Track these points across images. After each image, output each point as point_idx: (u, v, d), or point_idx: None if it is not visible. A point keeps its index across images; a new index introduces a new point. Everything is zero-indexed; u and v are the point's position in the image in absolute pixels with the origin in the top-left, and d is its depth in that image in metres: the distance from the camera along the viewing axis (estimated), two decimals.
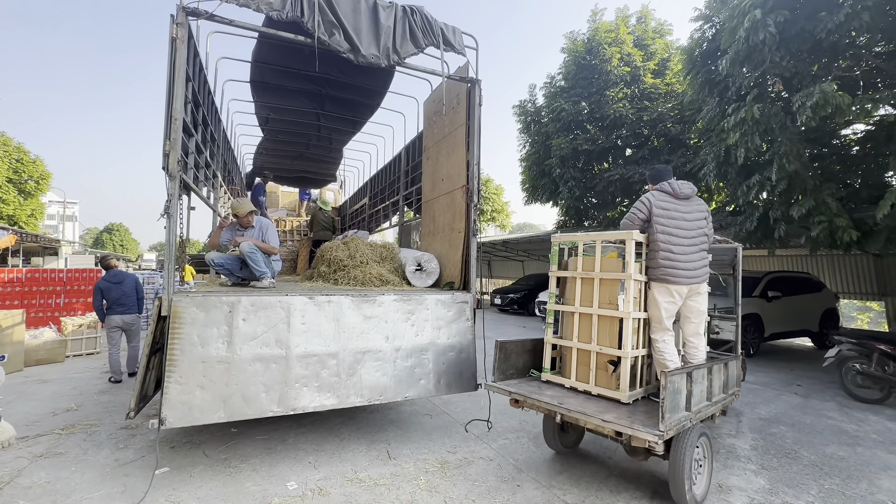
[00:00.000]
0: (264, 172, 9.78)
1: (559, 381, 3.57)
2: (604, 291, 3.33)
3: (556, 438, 3.67)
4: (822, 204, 5.72)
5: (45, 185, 23.93)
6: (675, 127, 10.89)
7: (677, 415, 2.74)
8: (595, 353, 3.32)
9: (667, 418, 2.57)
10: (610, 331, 3.26)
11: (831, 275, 13.04)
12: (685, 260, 3.20)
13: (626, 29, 12.20)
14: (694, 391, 2.94)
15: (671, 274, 3.17)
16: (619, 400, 3.14)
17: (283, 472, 3.33)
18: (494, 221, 25.45)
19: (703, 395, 3.17)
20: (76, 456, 3.48)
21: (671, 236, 3.21)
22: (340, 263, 4.88)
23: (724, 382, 3.56)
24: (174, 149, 3.11)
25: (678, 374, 2.79)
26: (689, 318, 3.38)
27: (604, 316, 3.30)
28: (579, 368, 3.46)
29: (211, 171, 5.36)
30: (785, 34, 5.30)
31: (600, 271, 3.35)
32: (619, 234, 3.32)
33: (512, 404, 3.42)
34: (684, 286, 3.21)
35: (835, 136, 6.98)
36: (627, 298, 3.16)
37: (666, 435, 2.56)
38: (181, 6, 3.17)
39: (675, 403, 2.72)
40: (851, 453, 4.05)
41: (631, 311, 3.15)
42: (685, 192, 3.31)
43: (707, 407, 3.17)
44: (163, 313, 3.09)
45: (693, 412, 2.90)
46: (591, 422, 2.87)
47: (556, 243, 3.74)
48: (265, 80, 5.77)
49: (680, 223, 3.25)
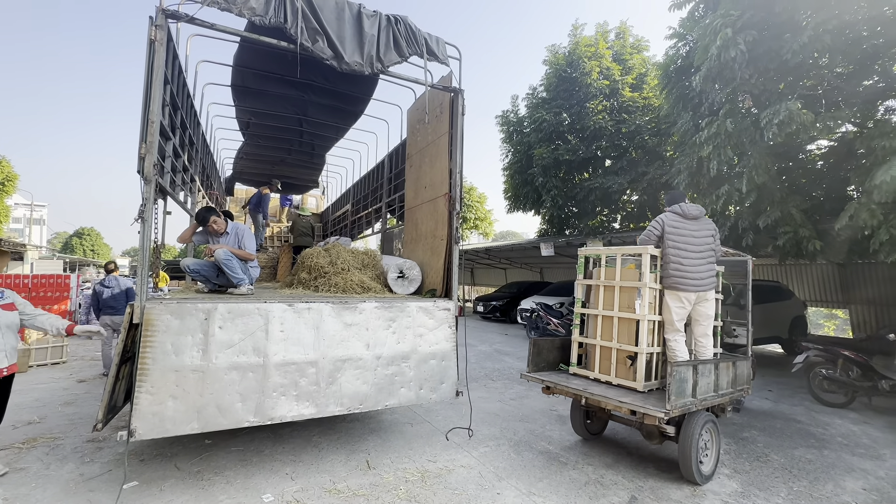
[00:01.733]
0: (273, 180, 9.55)
1: (584, 374, 4.05)
2: (623, 297, 3.84)
3: (583, 426, 4.25)
4: (788, 215, 5.99)
5: (10, 186, 22.90)
6: (651, 139, 11.24)
7: (683, 399, 3.22)
8: (615, 349, 3.81)
9: (672, 400, 3.08)
10: (628, 330, 3.76)
11: (799, 283, 13.57)
12: (693, 271, 3.69)
13: (605, 44, 12.58)
14: (700, 382, 3.41)
15: (680, 282, 3.67)
16: (636, 389, 3.61)
17: (259, 484, 3.24)
18: (477, 229, 25.62)
19: (710, 387, 3.58)
20: (38, 471, 3.32)
21: (680, 251, 3.72)
22: (321, 270, 4.83)
23: (733, 379, 3.91)
24: (150, 152, 3.04)
25: (684, 366, 3.27)
26: (698, 321, 3.87)
27: (623, 318, 3.80)
28: (602, 363, 3.94)
29: (189, 175, 5.25)
30: (754, 52, 5.56)
31: (620, 280, 3.87)
32: (637, 249, 3.84)
33: (544, 391, 3.99)
34: (692, 293, 3.69)
35: (801, 151, 7.32)
36: (643, 303, 3.66)
37: (672, 413, 3.06)
38: (160, 8, 3.12)
39: (681, 389, 3.20)
40: (818, 456, 4.19)
41: (646, 314, 3.65)
42: (693, 214, 3.83)
43: (714, 397, 3.60)
44: (135, 321, 2.99)
45: (698, 399, 3.38)
46: (610, 403, 3.42)
47: (582, 255, 4.28)
48: (246, 85, 5.70)
49: (689, 239, 3.75)
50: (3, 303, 2.93)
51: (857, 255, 6.36)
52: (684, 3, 6.74)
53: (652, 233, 3.82)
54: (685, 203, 3.89)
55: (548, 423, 4.80)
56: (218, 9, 3.32)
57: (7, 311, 2.93)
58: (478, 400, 5.40)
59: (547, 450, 4.06)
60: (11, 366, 2.88)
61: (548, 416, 5.05)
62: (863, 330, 12.12)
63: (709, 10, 6.53)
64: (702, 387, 3.44)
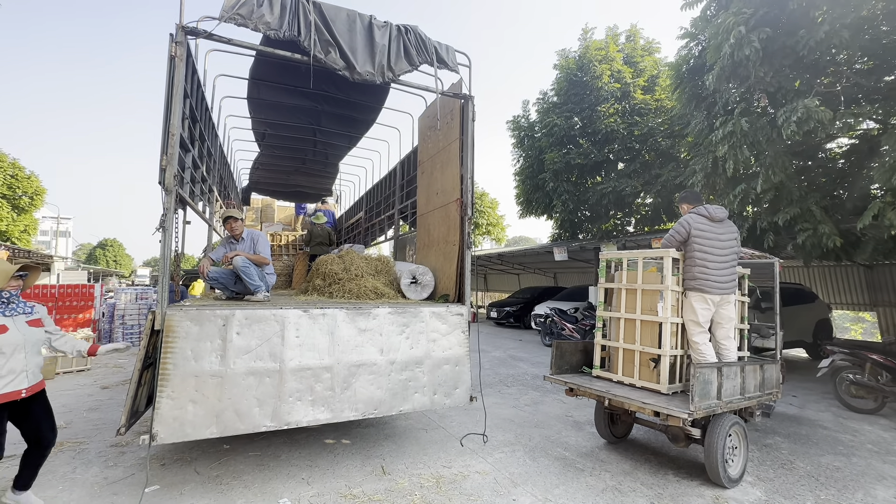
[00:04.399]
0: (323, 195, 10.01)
1: (607, 377, 4.06)
2: (645, 300, 3.85)
3: (608, 429, 4.25)
4: (807, 211, 5.84)
5: (39, 200, 23.82)
6: (665, 141, 11.10)
7: (707, 401, 3.22)
8: (638, 352, 3.81)
9: (696, 401, 3.09)
10: (651, 333, 3.77)
11: (824, 286, 13.18)
12: (718, 274, 3.67)
13: (615, 47, 12.54)
14: (724, 384, 3.39)
15: (705, 284, 3.65)
16: (660, 391, 3.60)
17: (276, 488, 3.28)
18: (490, 235, 25.58)
19: (736, 390, 3.56)
20: (64, 474, 3.42)
21: (706, 254, 3.70)
22: (335, 277, 4.88)
23: (760, 382, 3.89)
24: (171, 164, 3.14)
25: (707, 368, 3.27)
26: (721, 323, 3.84)
27: (646, 321, 3.80)
28: (625, 365, 3.94)
29: (207, 185, 5.40)
30: (768, 50, 5.47)
31: (642, 283, 3.87)
32: (658, 252, 3.85)
33: (567, 393, 4.02)
34: (716, 295, 3.67)
35: (820, 150, 7.15)
36: (666, 306, 3.68)
37: (695, 414, 3.06)
38: (180, 25, 3.24)
39: (705, 391, 3.20)
40: (847, 463, 4.04)
41: (669, 317, 3.65)
42: (720, 216, 3.80)
43: (741, 400, 3.58)
44: (156, 327, 3.07)
45: (724, 401, 3.37)
46: (633, 404, 3.43)
47: (603, 259, 4.29)
48: (262, 97, 5.85)
49: (714, 243, 3.72)
50: (31, 318, 2.77)
51: (882, 256, 6.14)
52: (696, 1, 6.68)
53: (675, 237, 3.80)
54: (710, 205, 3.86)
55: (564, 429, 4.74)
56: (235, 24, 3.43)
57: (34, 328, 2.77)
58: (492, 406, 5.36)
59: (563, 456, 4.01)
60: (33, 386, 2.70)
61: (563, 422, 4.98)
62: (891, 333, 11.68)
63: (721, 9, 6.45)
64: (727, 389, 3.42)
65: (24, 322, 2.74)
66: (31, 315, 2.80)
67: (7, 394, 2.60)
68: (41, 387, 2.84)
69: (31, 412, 2.76)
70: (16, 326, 2.67)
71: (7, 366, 2.60)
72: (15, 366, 2.63)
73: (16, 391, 2.63)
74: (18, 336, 2.65)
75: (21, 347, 2.66)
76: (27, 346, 2.69)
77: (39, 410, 2.81)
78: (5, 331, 2.62)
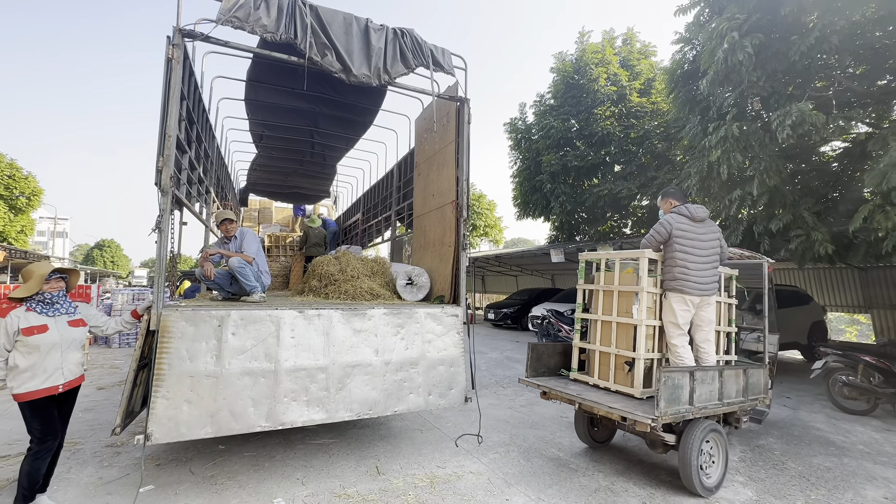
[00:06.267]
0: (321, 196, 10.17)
1: (584, 379, 3.99)
2: (622, 302, 3.78)
3: (588, 434, 4.20)
4: (800, 218, 5.89)
5: (36, 201, 23.77)
6: (661, 144, 11.18)
7: (676, 406, 3.11)
8: (614, 355, 3.74)
9: (661, 406, 2.98)
10: (627, 336, 3.69)
11: (819, 288, 13.25)
12: (698, 274, 3.59)
13: (612, 50, 12.62)
14: (698, 389, 3.28)
15: (685, 285, 3.56)
16: (633, 395, 3.52)
17: (271, 488, 3.29)
18: (487, 237, 25.61)
19: (713, 395, 3.45)
20: (58, 474, 3.41)
21: (687, 254, 3.61)
22: (331, 278, 4.91)
23: (744, 387, 3.77)
24: (167, 165, 3.16)
25: (678, 372, 3.17)
26: (700, 326, 3.74)
27: (622, 323, 3.73)
28: (601, 368, 3.88)
29: (204, 186, 5.41)
30: (761, 55, 5.54)
31: (619, 284, 3.81)
32: (634, 253, 3.79)
33: (542, 396, 3.94)
34: (697, 297, 3.59)
35: (814, 153, 7.22)
36: (641, 308, 3.58)
37: (660, 420, 2.96)
38: (177, 28, 3.27)
39: (674, 396, 3.10)
40: (838, 464, 4.08)
41: (644, 319, 3.56)
42: (701, 216, 3.71)
43: (718, 406, 3.46)
44: (151, 328, 3.09)
45: (696, 407, 3.25)
46: (601, 409, 3.34)
47: (582, 260, 4.24)
48: (259, 99, 5.88)
49: (696, 243, 3.64)
50: (73, 318, 2.94)
51: (873, 258, 6.21)
52: (689, 7, 6.75)
53: (656, 236, 3.71)
54: (692, 204, 3.79)
55: (558, 430, 4.77)
56: (232, 27, 3.45)
57: (74, 328, 2.95)
58: (487, 407, 5.39)
59: (557, 456, 4.04)
60: (70, 382, 2.89)
61: (558, 423, 5.01)
62: (886, 335, 11.75)
63: (714, 15, 6.53)
64: (701, 394, 3.32)
65: (66, 322, 2.92)
66: (73, 315, 2.98)
67: (45, 389, 2.77)
68: (79, 381, 3.02)
69: (60, 410, 2.93)
70: (56, 326, 2.85)
71: (43, 363, 2.78)
72: (50, 364, 2.80)
73: (53, 387, 2.81)
74: (56, 336, 2.83)
75: (58, 346, 2.83)
76: (63, 345, 2.86)
77: (66, 410, 2.99)
78: (45, 330, 2.79)
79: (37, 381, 2.75)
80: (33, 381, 2.74)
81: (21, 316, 2.78)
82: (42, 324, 2.80)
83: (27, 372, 2.73)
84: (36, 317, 2.81)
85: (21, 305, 2.86)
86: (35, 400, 2.75)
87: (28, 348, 2.73)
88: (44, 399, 2.78)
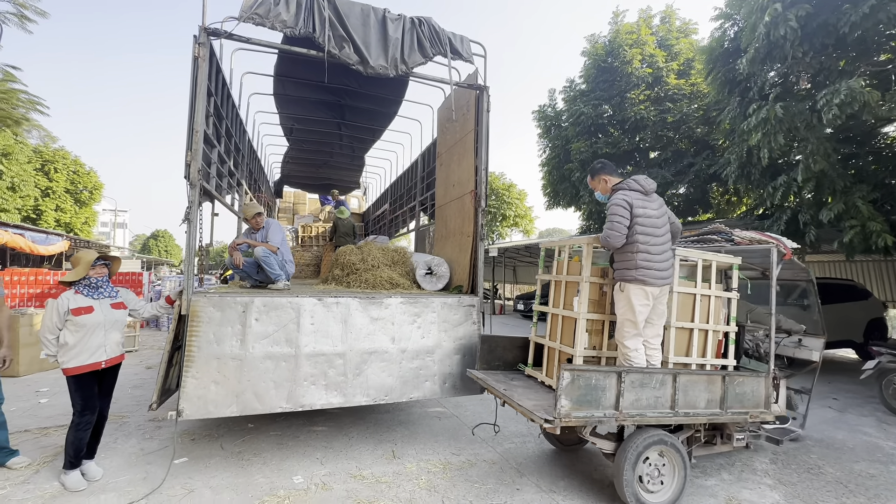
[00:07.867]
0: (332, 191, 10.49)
1: (535, 375, 3.71)
2: (569, 294, 3.47)
3: (553, 435, 3.87)
4: (853, 207, 5.41)
5: (97, 194, 25.72)
6: (700, 128, 10.56)
7: (590, 410, 2.75)
8: (558, 350, 3.47)
9: (560, 405, 2.66)
10: (571, 331, 3.36)
11: (879, 282, 12.19)
12: (660, 260, 3.04)
13: (648, 30, 11.97)
14: (627, 393, 2.84)
15: (649, 275, 2.98)
16: None
17: (292, 466, 3.48)
18: (518, 227, 25.26)
19: (661, 402, 2.96)
20: (106, 444, 3.75)
21: (649, 236, 3.03)
22: (353, 267, 5.03)
23: (721, 398, 3.18)
24: (195, 159, 3.34)
25: (593, 371, 2.79)
26: (653, 321, 3.16)
27: (567, 317, 3.42)
28: (548, 365, 3.60)
29: (235, 179, 5.67)
30: (807, 28, 5.07)
31: (567, 275, 3.52)
32: (581, 240, 3.44)
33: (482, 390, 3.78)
34: (657, 287, 3.03)
35: (872, 135, 6.59)
36: (581, 300, 3.23)
37: (558, 422, 2.64)
38: (203, 27, 3.42)
39: (586, 398, 2.75)
40: (884, 471, 3.80)
41: (584, 313, 3.21)
42: (652, 187, 3.18)
43: (668, 416, 2.96)
44: (182, 312, 3.31)
45: (625, 413, 2.83)
46: (513, 406, 3.08)
47: (543, 248, 4.01)
48: (287, 93, 6.06)
49: (654, 221, 3.07)
50: (115, 301, 3.24)
51: None
52: None
53: (621, 223, 3.01)
54: (638, 175, 3.23)
55: None
56: (253, 24, 3.58)
57: (117, 310, 3.20)
58: None
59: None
60: (111, 359, 3.17)
61: None
62: None
63: None
64: (635, 399, 2.87)
65: (109, 304, 3.19)
66: (115, 298, 3.27)
67: (90, 364, 3.06)
68: (120, 360, 3.30)
69: (102, 385, 3.23)
70: (100, 308, 3.13)
71: (89, 341, 3.06)
72: (94, 342, 3.08)
73: (97, 362, 3.09)
74: (100, 316, 3.11)
75: (101, 326, 3.11)
76: (106, 325, 3.15)
77: (108, 385, 3.29)
78: (91, 311, 3.07)
79: (83, 357, 3.04)
80: (80, 356, 3.03)
81: (70, 298, 3.06)
82: (88, 305, 3.08)
83: (75, 348, 3.02)
84: (83, 299, 3.09)
85: (70, 289, 3.14)
86: (80, 375, 3.04)
87: (76, 327, 3.02)
88: (87, 375, 3.06)
